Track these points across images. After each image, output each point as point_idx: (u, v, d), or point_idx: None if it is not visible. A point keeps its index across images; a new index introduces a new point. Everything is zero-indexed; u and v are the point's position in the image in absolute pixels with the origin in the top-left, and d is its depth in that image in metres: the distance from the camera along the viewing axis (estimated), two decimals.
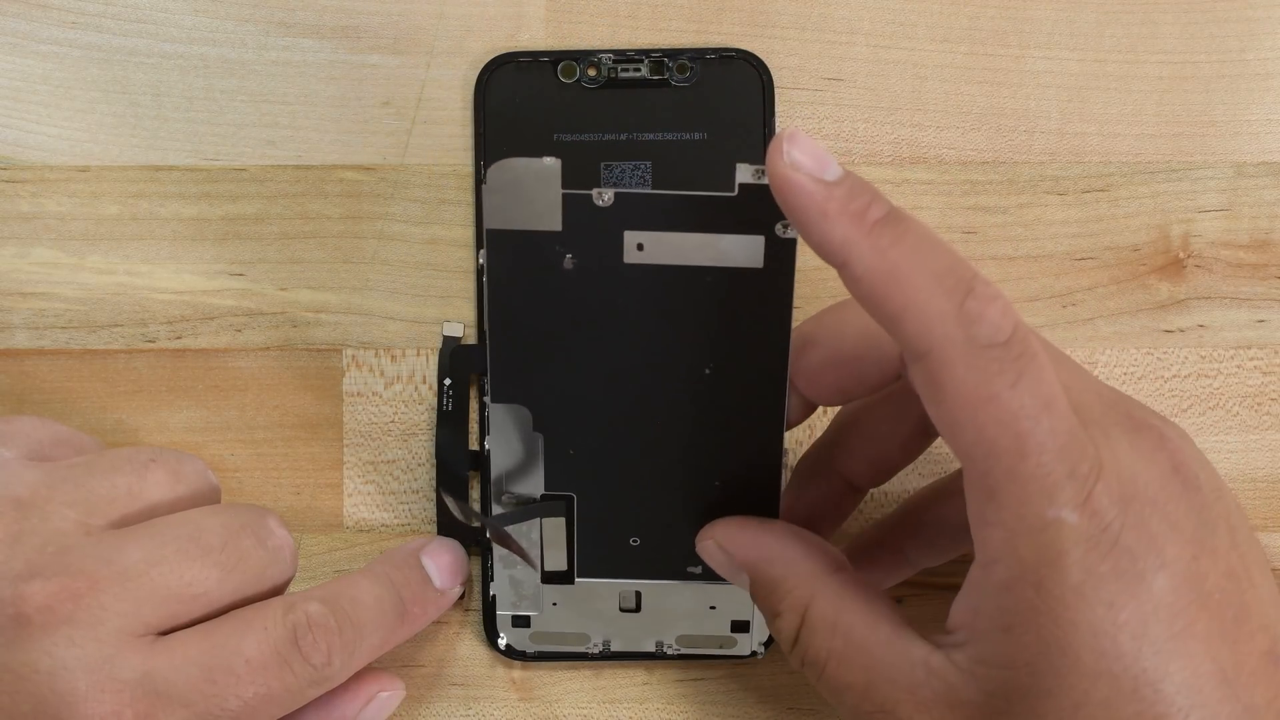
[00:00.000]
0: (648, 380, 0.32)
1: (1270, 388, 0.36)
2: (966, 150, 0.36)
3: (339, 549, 0.36)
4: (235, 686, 0.28)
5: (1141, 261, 0.36)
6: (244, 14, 0.36)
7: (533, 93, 0.35)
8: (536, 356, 0.32)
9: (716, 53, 0.33)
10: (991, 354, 0.25)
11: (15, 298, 0.36)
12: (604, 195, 0.30)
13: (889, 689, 0.27)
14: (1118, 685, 0.25)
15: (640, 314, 0.31)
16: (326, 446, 0.36)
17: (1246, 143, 0.36)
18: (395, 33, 0.36)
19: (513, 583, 0.35)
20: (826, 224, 0.26)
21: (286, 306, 0.36)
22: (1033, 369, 0.25)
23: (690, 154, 0.35)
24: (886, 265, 0.25)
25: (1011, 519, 0.25)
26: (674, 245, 0.31)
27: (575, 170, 0.33)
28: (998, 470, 0.25)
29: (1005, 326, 0.25)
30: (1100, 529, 0.25)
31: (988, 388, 0.25)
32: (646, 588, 0.34)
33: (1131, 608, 0.25)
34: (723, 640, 0.35)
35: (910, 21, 0.36)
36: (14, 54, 0.36)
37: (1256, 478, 0.36)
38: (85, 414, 0.36)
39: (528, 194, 0.30)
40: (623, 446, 0.33)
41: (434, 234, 0.36)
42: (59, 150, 0.36)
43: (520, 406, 0.32)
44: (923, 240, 0.26)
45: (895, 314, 0.25)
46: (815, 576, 0.29)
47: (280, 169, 0.36)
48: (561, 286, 0.31)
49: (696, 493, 0.33)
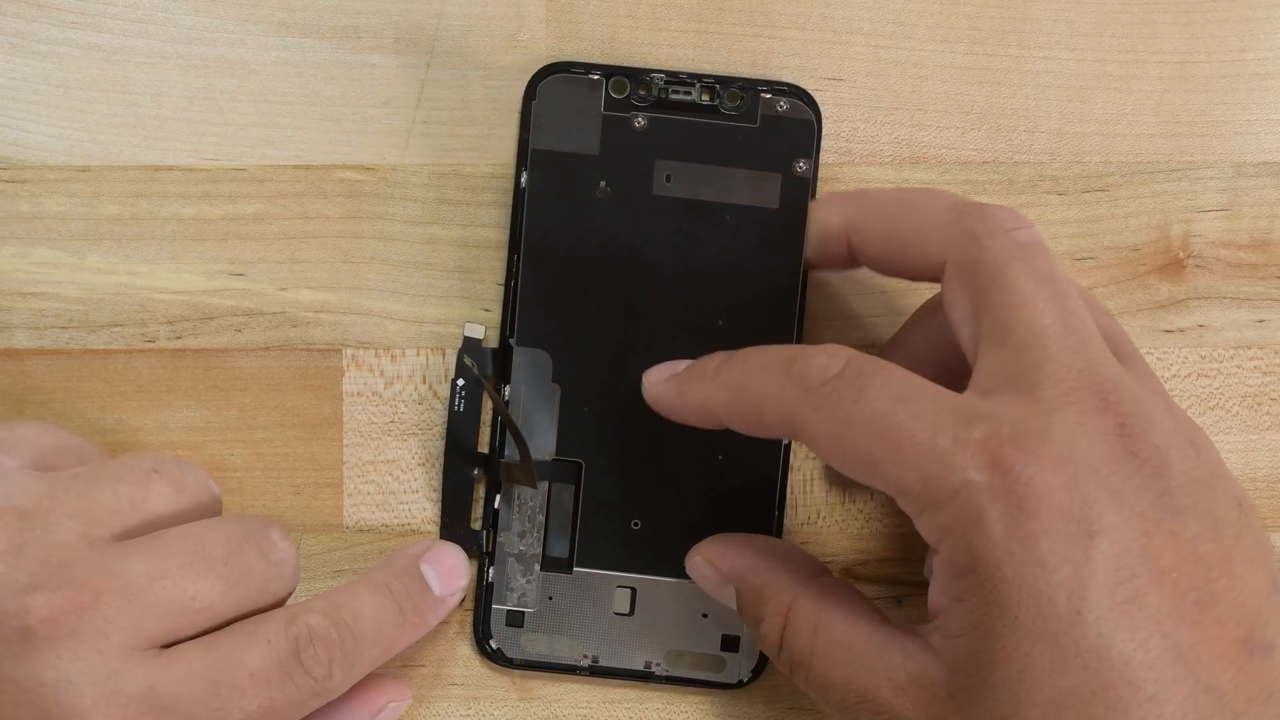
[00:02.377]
0: (662, 332, 0.34)
1: (1270, 387, 0.36)
2: (967, 150, 0.36)
3: (339, 549, 0.36)
4: (239, 699, 0.28)
5: (1141, 261, 0.36)
6: (244, 14, 0.36)
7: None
8: (561, 293, 0.34)
9: (769, 84, 0.34)
10: (827, 388, 0.28)
11: (15, 298, 0.36)
12: (640, 119, 0.34)
13: (869, 677, 0.28)
14: (1060, 650, 0.25)
15: (662, 250, 0.34)
16: (326, 446, 0.36)
17: (1246, 143, 0.36)
18: (395, 33, 0.36)
19: (510, 574, 0.35)
20: (685, 391, 0.31)
21: (286, 306, 0.36)
22: (874, 381, 0.28)
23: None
24: (727, 392, 0.30)
25: (927, 500, 0.27)
26: (699, 180, 0.34)
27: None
28: (890, 471, 0.27)
29: (833, 365, 0.28)
30: (1021, 484, 0.26)
31: (839, 414, 0.28)
32: (642, 585, 0.34)
33: (1067, 569, 0.26)
34: (711, 661, 0.35)
35: (910, 21, 0.36)
36: (14, 54, 0.36)
37: (1257, 478, 0.36)
38: (85, 414, 0.36)
39: (571, 113, 0.33)
40: (633, 408, 0.33)
41: (434, 234, 0.36)
42: (59, 150, 0.36)
43: (541, 351, 0.34)
44: (750, 360, 0.30)
45: (755, 410, 0.29)
46: (796, 581, 0.31)
47: (280, 169, 0.36)
48: (593, 216, 0.33)
49: (700, 466, 0.33)
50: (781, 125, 0.33)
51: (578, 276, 0.34)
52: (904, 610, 0.36)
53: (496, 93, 0.36)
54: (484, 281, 0.36)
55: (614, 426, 0.34)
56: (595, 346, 0.34)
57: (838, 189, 0.36)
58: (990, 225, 0.29)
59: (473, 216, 0.36)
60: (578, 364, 0.34)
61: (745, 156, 0.33)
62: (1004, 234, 0.29)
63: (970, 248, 0.29)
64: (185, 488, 0.30)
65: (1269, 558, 0.27)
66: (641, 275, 0.33)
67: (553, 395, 0.34)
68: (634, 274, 0.33)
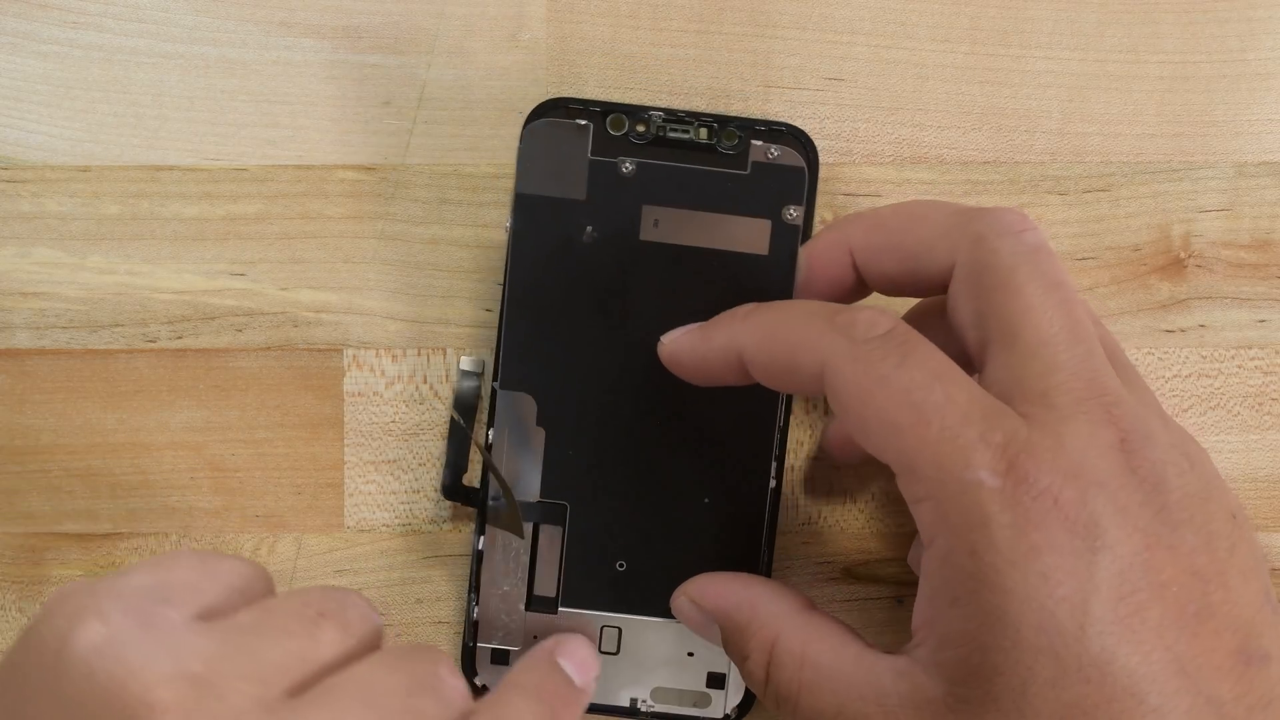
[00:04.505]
0: (648, 376, 0.33)
1: (1271, 387, 0.36)
2: (968, 150, 0.36)
3: (339, 549, 0.36)
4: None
5: (1142, 261, 0.36)
6: (245, 14, 0.36)
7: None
8: (547, 338, 0.33)
9: (766, 124, 0.34)
10: (872, 345, 0.28)
11: (16, 297, 0.36)
12: (627, 164, 0.33)
13: (859, 706, 0.28)
14: (1062, 664, 0.25)
15: (649, 296, 0.33)
16: (327, 446, 0.36)
17: (1247, 142, 0.36)
18: (396, 33, 0.36)
19: (495, 612, 0.34)
20: (712, 334, 0.31)
21: (287, 306, 0.36)
22: (918, 351, 0.27)
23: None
24: (761, 332, 0.30)
25: (934, 487, 0.27)
26: (687, 225, 0.33)
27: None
28: (908, 444, 0.27)
29: (880, 324, 0.28)
30: (1030, 497, 0.26)
31: (875, 372, 0.27)
32: (628, 625, 0.34)
33: (1070, 584, 0.25)
34: (697, 697, 0.35)
35: (911, 21, 0.36)
36: (14, 54, 0.36)
37: (1257, 478, 0.36)
38: (86, 414, 0.36)
39: (558, 158, 0.33)
40: (618, 450, 0.33)
41: (434, 234, 0.36)
42: (60, 150, 0.36)
43: (526, 395, 0.33)
44: (791, 307, 0.30)
45: (788, 352, 0.29)
46: (780, 616, 0.31)
47: (281, 169, 0.36)
48: (579, 261, 0.33)
49: (686, 508, 0.33)
50: (772, 172, 0.33)
51: (563, 320, 0.33)
52: (904, 610, 0.36)
53: (497, 93, 0.36)
54: (485, 281, 0.36)
55: (599, 470, 0.34)
56: (580, 390, 0.33)
57: (838, 189, 0.36)
58: (998, 227, 0.29)
59: (474, 216, 0.36)
60: (563, 408, 0.34)
61: (734, 203, 0.33)
62: (1012, 236, 0.29)
63: (977, 250, 0.29)
64: (351, 627, 0.28)
65: (1261, 569, 0.28)
66: (628, 320, 0.33)
67: (537, 438, 0.34)
68: (620, 318, 0.33)
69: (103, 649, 0.25)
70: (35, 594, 0.36)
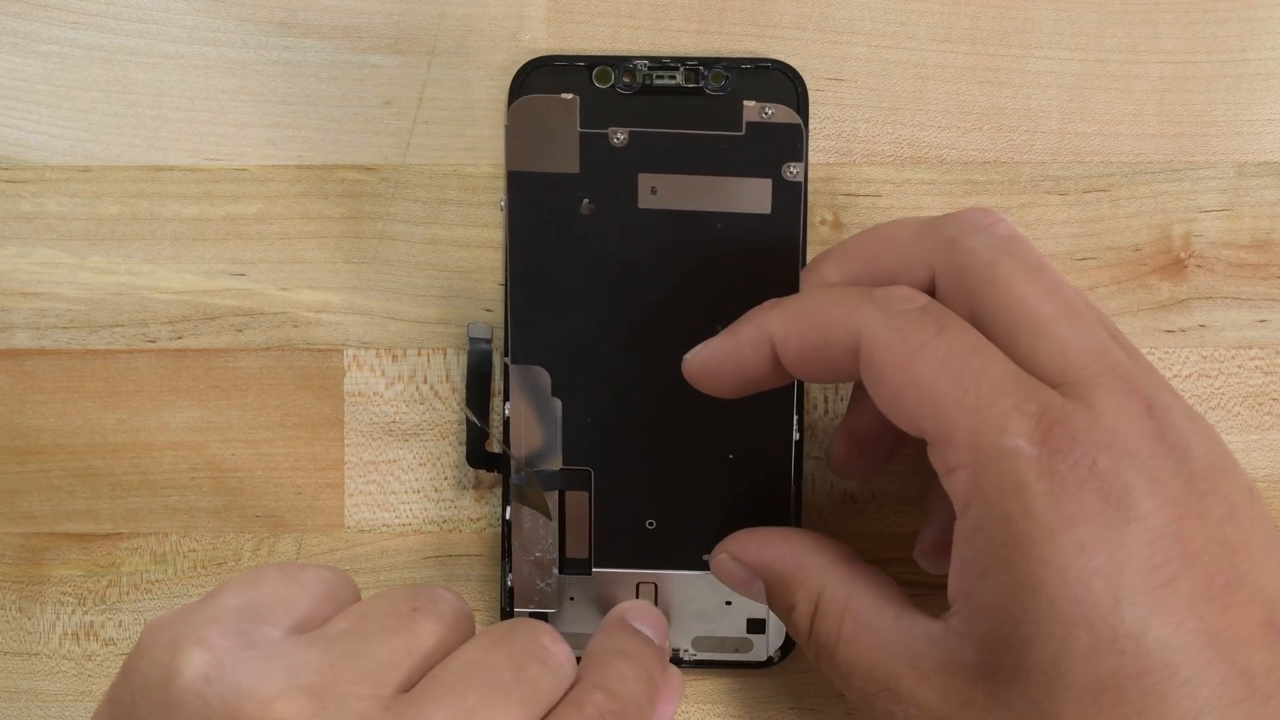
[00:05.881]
0: (660, 338, 0.33)
1: (1271, 387, 0.36)
2: (968, 150, 0.36)
3: (340, 549, 0.36)
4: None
5: (1142, 261, 0.36)
6: (245, 14, 0.36)
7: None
8: (554, 310, 0.33)
9: (752, 62, 0.34)
10: (909, 316, 0.28)
11: (16, 298, 0.36)
12: (619, 134, 0.33)
13: (892, 664, 0.28)
14: (1096, 636, 0.25)
15: (654, 262, 0.33)
16: (327, 446, 0.36)
17: (1248, 143, 0.36)
18: (396, 32, 0.36)
19: (529, 578, 0.35)
20: (739, 331, 0.31)
21: (287, 306, 0.36)
22: (955, 324, 0.28)
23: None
24: (791, 314, 0.30)
25: (970, 454, 0.27)
26: (686, 189, 0.33)
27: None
28: (945, 410, 0.27)
29: (916, 299, 0.28)
30: (1066, 466, 0.26)
31: (914, 341, 0.28)
32: (663, 579, 0.35)
33: (1104, 555, 0.25)
34: (739, 643, 0.35)
35: (911, 21, 0.36)
36: (14, 54, 0.36)
37: (1258, 477, 0.36)
38: (86, 414, 0.36)
39: (547, 134, 0.32)
40: (638, 413, 0.34)
41: (435, 234, 0.36)
42: (60, 150, 0.36)
43: (539, 368, 0.33)
44: (823, 290, 0.30)
45: (822, 327, 0.29)
46: (825, 567, 0.31)
47: (281, 169, 0.36)
48: (579, 233, 0.33)
49: (711, 465, 0.34)
50: (768, 131, 0.33)
51: (569, 292, 0.33)
52: None
53: (498, 93, 0.36)
54: (485, 281, 0.36)
55: (619, 434, 0.34)
56: (592, 358, 0.34)
57: (838, 189, 0.36)
58: (967, 226, 0.29)
59: (474, 216, 0.36)
60: (577, 377, 0.34)
61: (732, 164, 0.33)
62: (983, 231, 0.29)
63: (953, 253, 0.29)
64: (445, 617, 0.28)
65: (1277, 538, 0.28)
66: (633, 286, 0.33)
67: (554, 409, 0.34)
68: (626, 285, 0.33)
69: (211, 676, 0.25)
70: (35, 594, 0.36)
